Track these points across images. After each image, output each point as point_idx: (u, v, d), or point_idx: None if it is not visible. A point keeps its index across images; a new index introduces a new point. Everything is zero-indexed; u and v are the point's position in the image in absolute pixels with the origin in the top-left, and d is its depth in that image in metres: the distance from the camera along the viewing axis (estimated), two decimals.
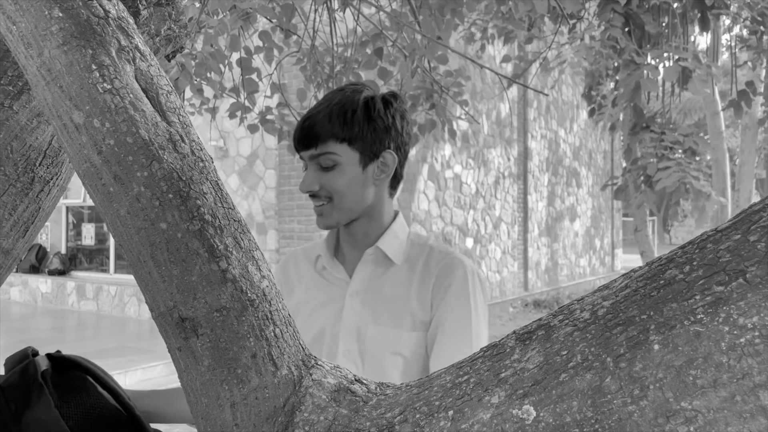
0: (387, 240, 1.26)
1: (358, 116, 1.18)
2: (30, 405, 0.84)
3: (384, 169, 1.23)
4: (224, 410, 0.62)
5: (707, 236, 0.50)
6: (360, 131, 1.17)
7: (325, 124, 1.16)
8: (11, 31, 0.66)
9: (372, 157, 1.20)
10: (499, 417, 0.51)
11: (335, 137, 1.16)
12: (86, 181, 0.65)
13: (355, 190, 1.20)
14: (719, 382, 0.44)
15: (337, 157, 1.17)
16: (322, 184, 1.19)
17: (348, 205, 1.20)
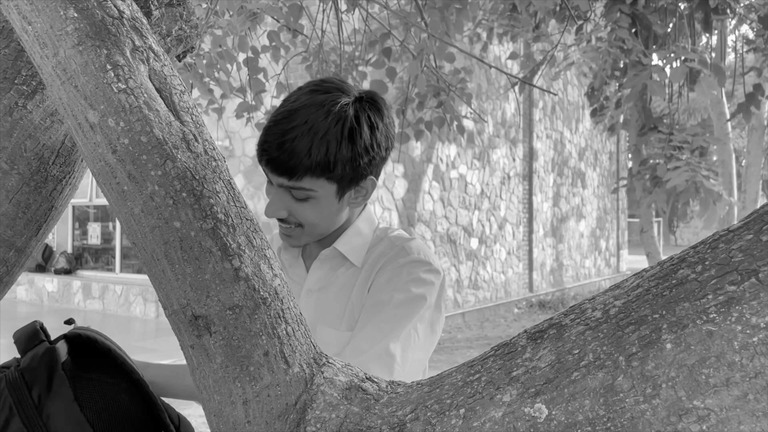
0: (345, 239, 1.17)
1: (342, 152, 1.04)
2: (51, 395, 0.85)
3: (362, 193, 1.14)
4: (237, 407, 0.63)
5: (719, 236, 0.51)
6: (342, 167, 1.05)
7: (303, 158, 1.02)
8: (27, 31, 0.67)
9: (349, 187, 1.10)
10: (511, 415, 0.52)
11: (313, 173, 1.04)
12: (100, 179, 0.65)
13: (329, 219, 1.12)
14: (732, 380, 0.44)
15: (312, 192, 1.06)
16: (292, 211, 1.09)
17: (320, 231, 1.13)
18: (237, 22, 2.38)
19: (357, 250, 1.17)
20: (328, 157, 1.03)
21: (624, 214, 16.69)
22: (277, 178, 1.06)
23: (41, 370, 0.86)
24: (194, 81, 2.64)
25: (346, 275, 1.17)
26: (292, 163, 1.03)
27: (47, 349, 0.89)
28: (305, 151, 1.02)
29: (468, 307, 9.64)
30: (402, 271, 1.10)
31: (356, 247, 1.17)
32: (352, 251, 1.17)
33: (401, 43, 2.64)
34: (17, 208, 0.81)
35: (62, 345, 0.92)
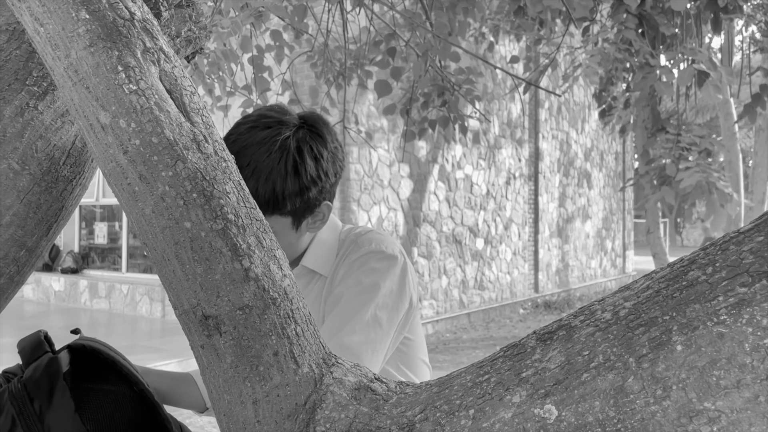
0: (311, 253, 1.16)
1: (288, 187, 1.04)
2: (52, 407, 0.84)
3: (319, 218, 1.12)
4: (246, 407, 0.63)
5: (729, 238, 0.51)
6: (292, 201, 1.05)
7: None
8: (39, 33, 0.67)
9: (306, 214, 1.10)
10: (521, 416, 0.52)
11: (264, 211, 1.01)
12: (111, 180, 0.66)
13: (290, 248, 1.12)
14: (743, 382, 0.44)
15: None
16: None
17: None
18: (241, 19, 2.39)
19: (323, 260, 1.16)
20: (275, 196, 1.03)
21: (630, 215, 16.65)
22: None
23: (43, 382, 0.86)
24: (198, 79, 2.65)
25: (317, 287, 1.16)
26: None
27: (49, 360, 0.88)
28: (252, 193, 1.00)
29: (473, 307, 9.63)
30: (353, 266, 1.11)
31: (322, 257, 1.16)
32: (319, 263, 1.16)
33: (406, 43, 2.64)
34: (28, 208, 0.82)
35: (65, 355, 0.91)
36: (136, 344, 7.31)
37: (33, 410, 0.84)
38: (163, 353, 6.82)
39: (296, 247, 1.14)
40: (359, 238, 1.15)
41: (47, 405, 0.84)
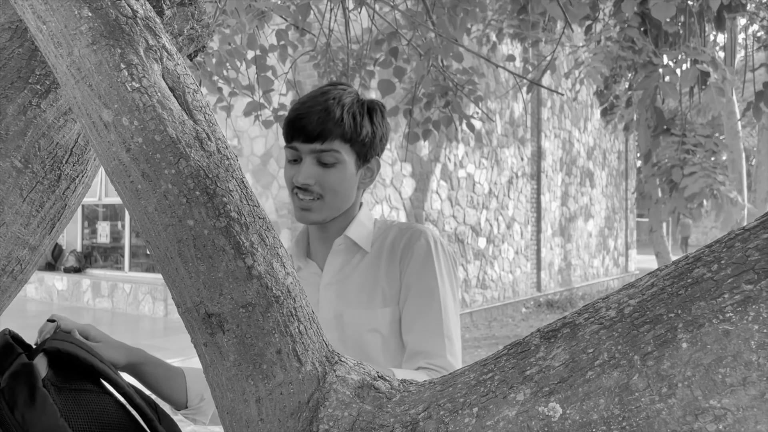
0: (354, 228, 1.28)
1: (366, 120, 1.22)
2: (35, 415, 0.82)
3: (369, 174, 1.28)
4: (249, 405, 0.63)
5: (735, 235, 0.50)
6: (365, 135, 1.21)
7: (335, 122, 1.18)
8: (41, 31, 0.67)
9: (364, 160, 1.25)
10: (525, 414, 0.51)
11: (343, 137, 1.19)
12: (114, 178, 0.66)
13: (348, 190, 1.24)
14: (749, 380, 0.44)
15: (340, 156, 1.20)
16: (319, 179, 1.20)
17: (338, 203, 1.23)
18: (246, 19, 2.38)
19: (365, 238, 1.28)
20: (354, 127, 1.20)
21: (633, 214, 16.62)
22: (308, 146, 1.19)
23: (21, 389, 0.84)
24: (203, 79, 2.65)
25: (364, 261, 1.27)
26: (327, 127, 1.18)
27: (24, 367, 0.85)
28: (338, 118, 1.18)
29: (476, 306, 9.63)
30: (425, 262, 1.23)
31: (364, 235, 1.28)
32: (362, 239, 1.28)
33: (408, 43, 2.63)
34: (31, 207, 0.82)
35: (41, 360, 0.89)
36: (138, 343, 7.32)
37: (15, 420, 0.82)
38: (166, 352, 6.83)
39: (350, 193, 1.25)
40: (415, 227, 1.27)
41: (30, 413, 0.82)
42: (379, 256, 1.26)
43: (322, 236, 1.31)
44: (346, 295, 1.25)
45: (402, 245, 1.24)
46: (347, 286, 1.26)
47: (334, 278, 1.28)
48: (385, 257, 1.26)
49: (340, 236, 1.28)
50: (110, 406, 0.92)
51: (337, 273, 1.28)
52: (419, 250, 1.23)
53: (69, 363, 0.92)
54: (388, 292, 1.23)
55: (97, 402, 0.91)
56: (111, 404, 0.93)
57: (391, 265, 1.24)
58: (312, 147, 1.19)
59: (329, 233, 1.30)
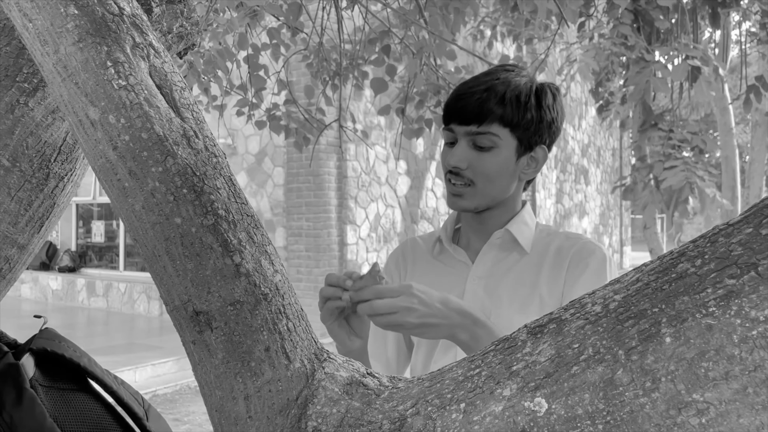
0: (516, 225, 1.19)
1: (531, 103, 1.12)
2: (23, 416, 0.81)
3: (533, 164, 1.17)
4: (238, 403, 0.63)
5: (719, 230, 0.51)
6: (529, 120, 1.12)
7: (496, 103, 1.09)
8: (27, 29, 0.67)
9: (528, 148, 1.15)
10: (511, 409, 0.52)
11: (502, 120, 1.10)
12: (102, 176, 0.65)
13: (504, 179, 1.14)
14: (731, 374, 0.44)
15: (498, 140, 1.11)
16: (472, 163, 1.12)
17: (491, 192, 1.14)
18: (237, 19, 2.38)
19: (527, 237, 1.19)
20: (518, 108, 1.11)
21: (627, 211, 16.67)
22: (464, 128, 1.12)
23: (8, 390, 0.83)
24: (194, 78, 2.64)
25: (522, 262, 1.18)
26: (485, 108, 1.10)
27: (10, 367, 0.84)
28: (499, 98, 1.10)
29: None
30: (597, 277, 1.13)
31: (526, 234, 1.19)
32: (524, 237, 1.19)
33: (401, 41, 2.63)
34: (19, 205, 0.82)
35: (28, 359, 0.87)
36: (134, 342, 7.31)
37: (3, 421, 0.82)
38: (161, 351, 6.82)
39: (507, 182, 1.15)
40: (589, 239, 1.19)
41: (18, 414, 0.82)
42: (542, 260, 1.16)
43: (478, 227, 1.22)
44: (497, 293, 1.16)
45: (572, 254, 1.15)
46: (500, 284, 1.17)
47: (487, 272, 1.18)
48: (548, 262, 1.16)
49: (499, 229, 1.19)
50: (98, 405, 0.92)
51: (490, 267, 1.19)
52: (594, 264, 1.13)
53: (56, 362, 0.91)
54: (548, 299, 1.13)
55: (85, 401, 0.91)
56: (99, 404, 0.93)
57: (555, 271, 1.15)
58: (467, 129, 1.11)
59: (486, 225, 1.21)
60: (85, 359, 0.95)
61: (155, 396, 5.85)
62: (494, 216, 1.20)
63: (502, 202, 1.18)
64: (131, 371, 6.10)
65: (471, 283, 1.18)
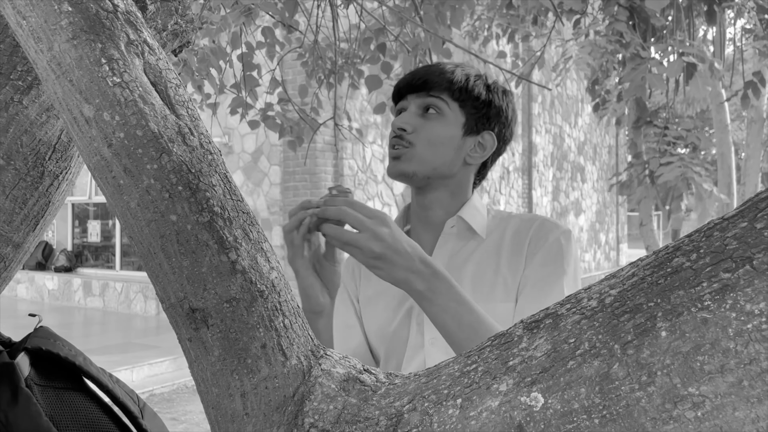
0: (468, 211, 1.17)
1: (479, 84, 1.15)
2: (18, 415, 0.81)
3: (480, 149, 1.17)
4: (234, 400, 0.63)
5: (714, 224, 0.51)
6: (476, 98, 1.14)
7: (445, 78, 1.13)
8: (21, 26, 0.67)
9: (475, 130, 1.16)
10: (508, 404, 0.52)
11: (451, 92, 1.13)
12: (96, 174, 0.65)
13: (446, 149, 1.14)
14: (726, 367, 0.44)
15: (445, 108, 1.13)
16: (417, 128, 1.13)
17: (431, 159, 1.13)
18: (232, 18, 2.38)
19: (480, 223, 1.18)
20: (467, 84, 1.14)
21: (623, 208, 16.71)
22: (414, 95, 1.15)
23: (3, 389, 0.82)
24: (188, 76, 2.64)
25: (480, 249, 1.16)
26: (434, 78, 1.13)
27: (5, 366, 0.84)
28: (448, 73, 1.14)
29: None
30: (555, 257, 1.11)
31: (479, 220, 1.18)
32: (478, 223, 1.17)
33: (396, 38, 2.63)
34: (14, 204, 0.81)
35: (23, 358, 0.87)
36: (130, 342, 7.30)
37: (0, 422, 0.82)
38: (158, 350, 6.81)
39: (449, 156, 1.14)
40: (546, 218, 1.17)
41: (13, 413, 0.82)
42: (500, 245, 1.14)
43: (424, 216, 1.20)
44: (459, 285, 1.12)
45: (531, 234, 1.13)
46: (461, 275, 1.13)
47: (445, 265, 1.14)
48: (507, 247, 1.14)
49: (451, 217, 1.17)
50: (93, 404, 0.92)
51: (447, 259, 1.16)
52: (554, 243, 1.11)
53: (51, 361, 0.91)
54: (511, 285, 1.11)
55: (81, 400, 0.91)
56: (94, 402, 0.93)
57: (515, 256, 1.12)
58: (418, 95, 1.14)
59: (432, 213, 1.19)
60: (81, 358, 0.95)
61: (152, 395, 5.85)
62: (440, 203, 1.18)
63: (446, 185, 1.17)
64: (128, 371, 6.09)
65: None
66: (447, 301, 0.92)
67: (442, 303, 0.92)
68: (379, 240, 0.89)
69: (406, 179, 1.15)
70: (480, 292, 1.11)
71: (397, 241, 0.91)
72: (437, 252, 1.16)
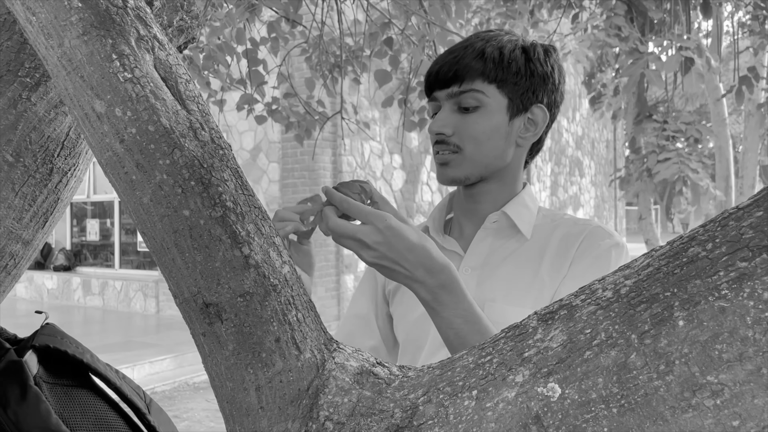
0: (515, 207, 1.06)
1: (516, 55, 1.00)
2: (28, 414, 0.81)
3: (531, 127, 1.05)
4: (249, 393, 0.63)
5: (729, 214, 0.51)
6: (515, 73, 1.00)
7: (475, 60, 0.99)
8: (31, 22, 0.67)
9: (521, 108, 1.03)
10: (524, 395, 0.52)
11: (485, 76, 0.99)
12: (108, 170, 0.65)
13: (496, 141, 1.02)
14: (745, 355, 0.44)
15: (483, 97, 1.00)
16: (457, 128, 1.01)
17: (482, 158, 1.02)
18: (236, 15, 2.37)
19: (526, 221, 1.06)
20: (501, 62, 0.99)
21: (622, 202, 16.72)
22: (445, 91, 1.02)
23: (12, 387, 0.83)
24: (194, 73, 2.64)
25: (522, 250, 1.05)
26: (463, 64, 0.99)
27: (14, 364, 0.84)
28: (478, 53, 1.00)
29: None
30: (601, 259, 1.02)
31: (525, 218, 1.07)
32: (523, 221, 1.06)
33: (401, 32, 2.64)
34: (23, 201, 0.81)
35: (31, 356, 0.87)
36: (130, 340, 7.30)
37: (8, 418, 0.82)
38: (158, 348, 6.81)
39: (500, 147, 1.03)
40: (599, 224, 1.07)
41: (23, 411, 0.82)
42: (544, 248, 1.04)
43: (470, 208, 1.10)
44: (491, 284, 1.04)
45: (582, 240, 1.02)
46: (495, 274, 1.04)
47: (480, 262, 1.06)
48: (552, 251, 1.03)
49: (495, 212, 1.07)
50: (101, 401, 0.92)
51: (485, 256, 1.06)
52: (604, 252, 1.00)
53: (59, 359, 0.91)
54: (548, 294, 1.00)
55: (89, 397, 0.91)
56: (102, 399, 0.93)
57: (559, 260, 1.02)
58: (449, 91, 1.01)
59: (480, 206, 1.09)
60: (88, 355, 0.95)
61: (154, 393, 5.85)
62: (489, 195, 1.08)
63: (499, 176, 1.07)
64: (129, 369, 6.10)
65: (463, 274, 1.06)
66: (453, 316, 0.85)
67: (447, 317, 0.85)
68: (369, 250, 0.83)
69: (460, 183, 1.06)
70: (513, 295, 1.02)
71: (393, 249, 0.82)
72: (474, 247, 1.08)
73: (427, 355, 1.08)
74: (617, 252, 1.02)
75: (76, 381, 0.93)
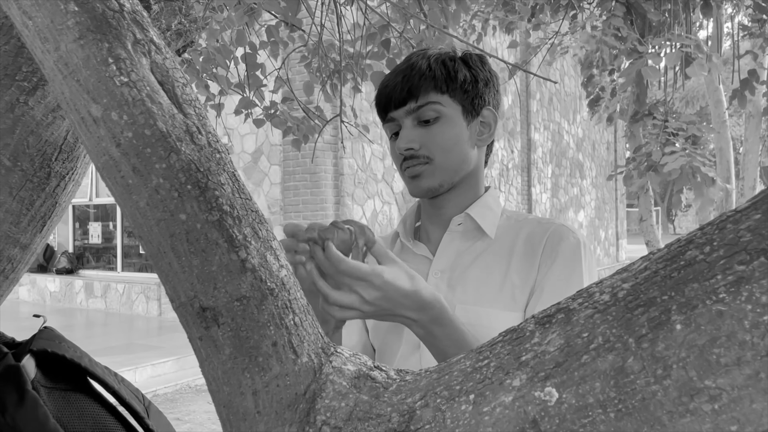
0: (478, 209, 1.11)
1: (458, 65, 1.07)
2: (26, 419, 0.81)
3: (485, 129, 1.11)
4: (246, 398, 0.63)
5: (727, 217, 0.51)
6: (463, 81, 1.06)
7: (424, 75, 1.05)
8: (27, 26, 0.66)
9: (474, 113, 1.09)
10: (521, 399, 0.52)
11: (437, 87, 1.05)
12: (105, 174, 0.65)
13: (461, 147, 1.07)
14: (743, 359, 0.44)
15: (440, 108, 1.05)
16: (423, 140, 1.06)
17: (452, 164, 1.07)
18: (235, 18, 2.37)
19: (490, 222, 1.11)
20: (447, 71, 1.06)
21: (622, 204, 16.72)
22: (402, 109, 1.07)
23: (10, 391, 0.82)
24: (192, 77, 2.64)
25: (488, 251, 1.09)
26: (415, 82, 1.05)
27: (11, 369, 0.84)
28: (425, 68, 1.06)
29: None
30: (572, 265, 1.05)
31: (489, 219, 1.11)
32: (487, 222, 1.10)
33: (400, 34, 2.63)
34: (21, 205, 0.81)
35: (29, 361, 0.87)
36: (133, 343, 7.30)
37: (6, 422, 0.81)
38: (161, 351, 6.81)
39: (465, 151, 1.08)
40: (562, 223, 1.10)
41: (21, 416, 0.81)
42: (511, 249, 1.08)
43: (436, 213, 1.14)
44: (461, 286, 1.07)
45: (545, 241, 1.06)
46: (465, 276, 1.08)
47: (449, 265, 1.10)
48: (519, 252, 1.07)
49: (459, 214, 1.11)
50: (100, 405, 0.92)
51: (453, 259, 1.10)
52: (566, 251, 1.04)
53: (57, 363, 0.91)
54: (519, 295, 1.04)
55: (87, 402, 0.91)
56: (100, 403, 0.93)
57: (527, 260, 1.06)
58: (407, 108, 1.06)
59: (445, 209, 1.13)
60: (86, 359, 0.95)
61: (156, 396, 5.85)
62: (455, 200, 1.12)
63: (465, 180, 1.11)
64: (131, 371, 6.10)
65: (433, 278, 1.10)
66: (447, 346, 0.91)
67: (441, 347, 0.91)
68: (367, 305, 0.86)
69: (434, 193, 1.10)
70: (484, 296, 1.06)
71: (391, 300, 0.87)
72: (441, 250, 1.12)
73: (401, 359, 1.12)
74: (583, 246, 1.06)
75: (74, 385, 0.92)
